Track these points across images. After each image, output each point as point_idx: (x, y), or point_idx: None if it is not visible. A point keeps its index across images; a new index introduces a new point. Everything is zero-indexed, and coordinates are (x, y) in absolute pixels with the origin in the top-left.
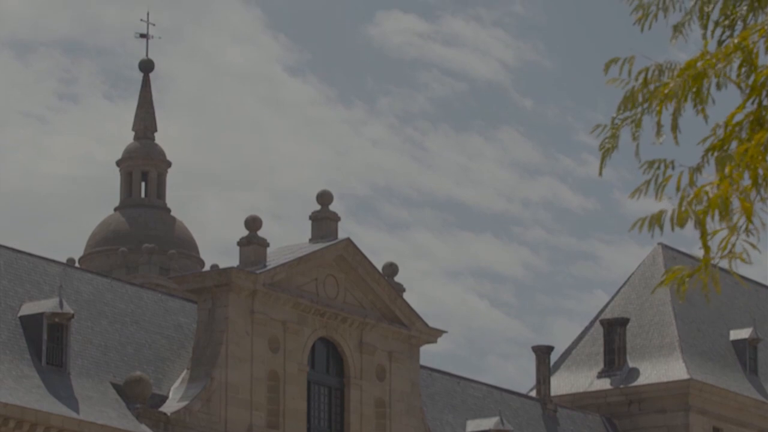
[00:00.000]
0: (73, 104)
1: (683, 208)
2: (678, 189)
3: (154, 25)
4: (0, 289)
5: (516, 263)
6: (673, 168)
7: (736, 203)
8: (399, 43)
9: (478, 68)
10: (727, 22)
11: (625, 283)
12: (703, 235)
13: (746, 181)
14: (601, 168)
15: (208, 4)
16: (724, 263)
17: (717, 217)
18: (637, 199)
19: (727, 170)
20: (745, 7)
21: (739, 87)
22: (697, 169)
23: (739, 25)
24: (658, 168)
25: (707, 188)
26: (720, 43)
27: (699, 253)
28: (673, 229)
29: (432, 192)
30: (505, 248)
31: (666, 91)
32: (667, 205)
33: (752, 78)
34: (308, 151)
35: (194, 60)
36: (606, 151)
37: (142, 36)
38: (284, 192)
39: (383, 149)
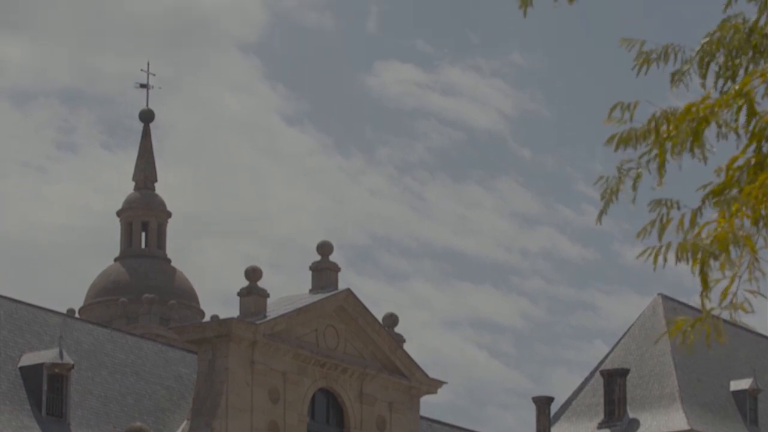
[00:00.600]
0: (71, 154)
1: (686, 241)
2: (679, 230)
3: (154, 75)
4: (0, 340)
5: (515, 313)
6: (678, 208)
7: (735, 247)
8: (397, 93)
9: (476, 118)
10: (728, 74)
11: (625, 334)
12: (703, 276)
13: (748, 222)
14: (600, 216)
15: (206, 54)
16: (725, 313)
17: (717, 257)
18: (643, 239)
19: (732, 209)
20: (746, 59)
21: (737, 133)
22: (699, 210)
23: (741, 75)
24: (663, 206)
25: (708, 227)
26: (722, 93)
27: (700, 302)
28: (676, 263)
29: (431, 242)
30: (504, 298)
31: (666, 135)
32: (670, 239)
33: (753, 123)
34: (307, 201)
35: (193, 109)
36: (608, 199)
37: (143, 86)
38: (283, 241)
39: (382, 199)
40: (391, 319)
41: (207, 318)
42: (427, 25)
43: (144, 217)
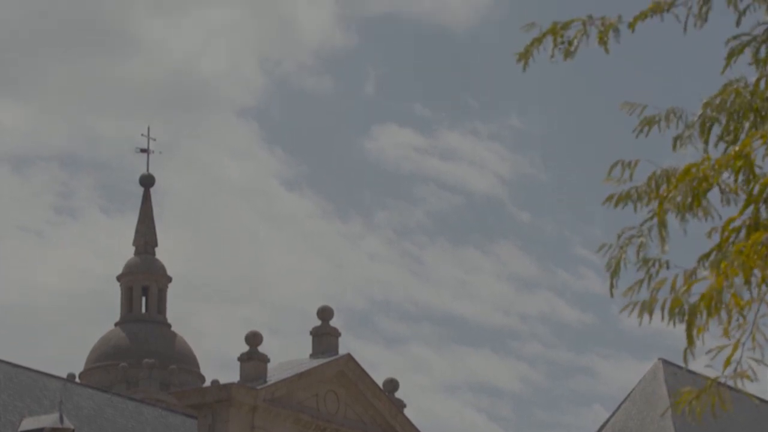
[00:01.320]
0: (71, 218)
1: (672, 297)
2: (672, 291)
3: (154, 139)
4: (0, 404)
5: (514, 378)
6: (668, 268)
7: (726, 308)
8: (395, 157)
9: (474, 182)
10: (730, 138)
11: (626, 399)
12: (689, 332)
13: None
14: (611, 290)
15: (205, 118)
16: (728, 379)
17: (706, 313)
18: (631, 297)
19: (721, 267)
20: (747, 124)
21: (736, 193)
22: (693, 272)
23: (742, 138)
24: (652, 266)
25: (698, 285)
26: (723, 155)
27: (700, 368)
28: (662, 318)
29: (429, 306)
30: (503, 362)
31: (666, 194)
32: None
33: (751, 185)
34: (306, 265)
35: (192, 173)
36: (614, 270)
37: (143, 151)
38: (283, 305)
39: (381, 263)
40: (392, 385)
41: (207, 383)
42: (425, 89)
43: (144, 282)
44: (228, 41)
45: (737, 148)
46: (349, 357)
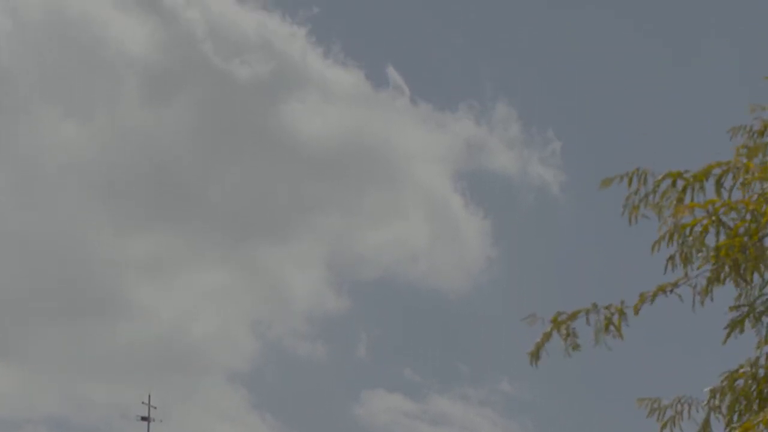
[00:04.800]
0: None
1: None
2: None
3: (155, 408)
4: None
5: None
6: None
7: None
8: (386, 422)
9: None
10: (736, 425)
11: None
12: None
13: None
14: None
15: (196, 383)
16: None
17: None
18: None
19: None
20: (754, 403)
21: None
22: None
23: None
24: None
25: None
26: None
27: None
28: None
29: None
30: None
31: None
32: None
33: None
34: None
35: None
36: None
37: (144, 419)
38: None
39: None
40: None
41: None
42: (415, 354)
43: None
44: (219, 305)
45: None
46: None
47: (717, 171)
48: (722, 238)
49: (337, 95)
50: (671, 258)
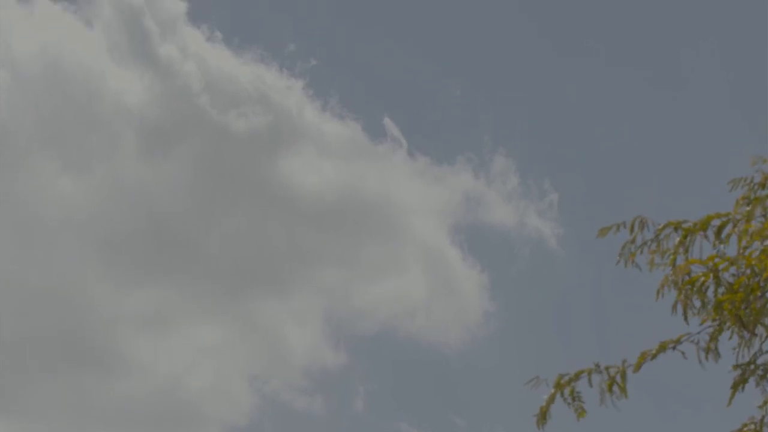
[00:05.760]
0: None
1: None
2: None
3: None
4: None
5: None
6: None
7: None
8: None
9: None
10: None
11: None
12: None
13: None
14: None
15: None
16: None
17: None
18: None
19: None
20: None
21: None
22: None
23: None
24: None
25: None
26: None
27: None
28: None
29: None
30: None
31: None
32: None
33: None
34: None
35: None
36: None
37: None
38: None
39: None
40: None
41: None
42: (412, 408)
43: None
44: (216, 359)
45: None
46: None
47: (716, 222)
48: (722, 290)
49: (334, 148)
50: (674, 306)
